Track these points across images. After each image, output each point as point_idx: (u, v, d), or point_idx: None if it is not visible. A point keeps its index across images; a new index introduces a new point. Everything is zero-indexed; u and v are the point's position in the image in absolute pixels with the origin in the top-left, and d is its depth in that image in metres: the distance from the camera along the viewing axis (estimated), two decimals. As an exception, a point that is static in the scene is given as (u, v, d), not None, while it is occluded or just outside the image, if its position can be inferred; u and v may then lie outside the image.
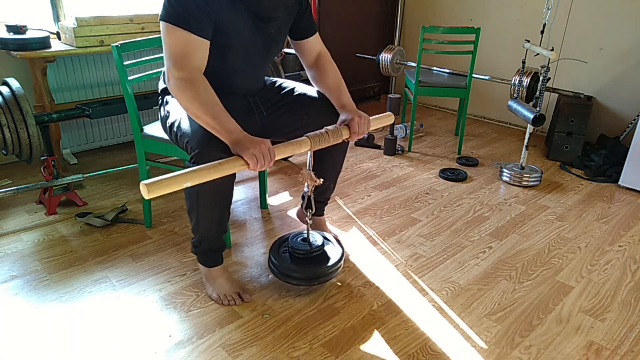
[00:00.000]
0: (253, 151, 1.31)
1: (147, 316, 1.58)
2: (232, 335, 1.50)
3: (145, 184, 1.16)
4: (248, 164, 1.32)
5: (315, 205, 1.90)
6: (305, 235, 1.70)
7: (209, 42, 1.42)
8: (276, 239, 1.77)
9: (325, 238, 1.76)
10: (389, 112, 1.73)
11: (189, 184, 1.24)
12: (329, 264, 1.64)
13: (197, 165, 1.37)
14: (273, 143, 1.41)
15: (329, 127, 1.53)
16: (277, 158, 1.38)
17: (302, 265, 1.64)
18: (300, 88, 1.74)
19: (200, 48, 1.40)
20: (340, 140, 1.56)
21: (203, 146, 1.39)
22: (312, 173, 1.57)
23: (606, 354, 1.46)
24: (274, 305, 1.63)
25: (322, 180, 1.58)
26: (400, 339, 1.50)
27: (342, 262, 1.70)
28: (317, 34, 1.70)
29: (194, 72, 1.39)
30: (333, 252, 1.70)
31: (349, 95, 1.65)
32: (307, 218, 1.68)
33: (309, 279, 1.64)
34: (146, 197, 1.17)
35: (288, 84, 1.77)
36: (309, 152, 1.53)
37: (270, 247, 1.72)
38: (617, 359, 1.44)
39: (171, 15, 1.36)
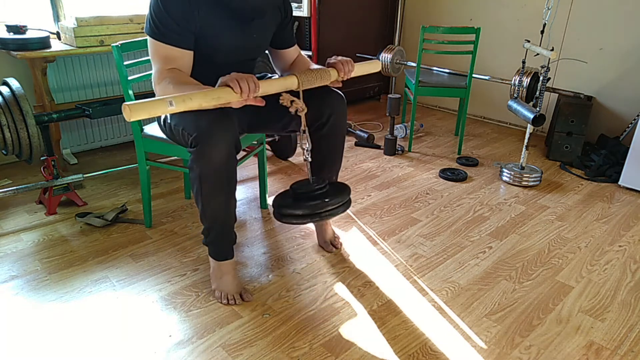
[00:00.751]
0: (234, 76, 1.32)
1: (147, 316, 1.58)
2: (232, 335, 1.50)
3: (128, 105, 1.14)
4: (234, 91, 1.31)
5: None
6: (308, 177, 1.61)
7: (192, 52, 1.51)
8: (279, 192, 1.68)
9: (328, 182, 1.64)
10: (375, 59, 1.72)
11: (173, 107, 1.21)
12: (333, 199, 1.54)
13: (197, 149, 1.41)
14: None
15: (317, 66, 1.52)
16: (262, 91, 1.38)
17: (306, 202, 1.53)
18: None
19: (182, 58, 1.50)
20: (330, 80, 1.55)
21: (202, 128, 1.41)
22: (300, 101, 1.48)
23: (606, 354, 1.46)
24: (274, 305, 1.63)
25: (305, 108, 1.50)
26: (400, 339, 1.50)
27: (349, 197, 1.59)
28: (297, 46, 1.79)
29: (172, 71, 1.46)
30: (337, 190, 1.60)
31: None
32: (305, 156, 1.58)
33: (312, 215, 1.52)
34: (128, 118, 1.16)
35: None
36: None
37: (274, 197, 1.63)
38: (617, 359, 1.44)
39: (153, 31, 1.46)
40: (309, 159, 1.60)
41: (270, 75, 1.85)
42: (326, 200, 1.52)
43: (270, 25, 1.66)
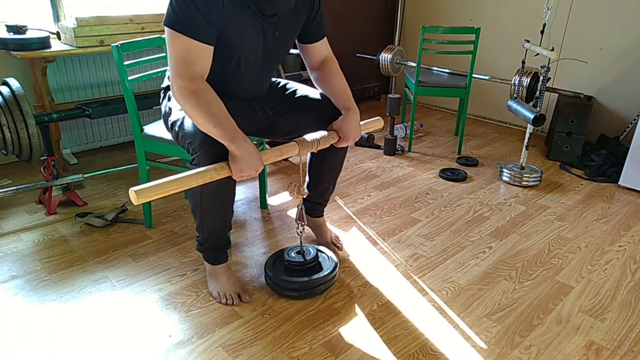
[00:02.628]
0: (242, 174, 1.37)
1: (147, 316, 1.58)
2: (232, 335, 1.50)
3: (134, 191, 1.20)
4: (232, 174, 1.39)
5: (314, 207, 1.90)
6: (299, 248, 1.72)
7: (212, 48, 1.41)
8: (272, 253, 1.79)
9: (318, 250, 1.78)
10: (378, 117, 1.77)
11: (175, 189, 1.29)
12: (322, 274, 1.66)
13: (198, 166, 1.38)
14: (271, 143, 1.42)
15: (319, 133, 1.56)
16: (265, 164, 1.43)
17: (296, 276, 1.66)
18: (302, 90, 1.72)
19: (203, 54, 1.39)
20: (329, 144, 1.59)
21: (205, 148, 1.39)
22: (300, 187, 1.61)
23: (606, 354, 1.46)
24: (274, 305, 1.63)
25: (307, 192, 1.62)
26: (400, 339, 1.50)
27: (336, 271, 1.72)
28: (325, 38, 1.68)
29: (197, 80, 1.38)
30: (326, 263, 1.73)
31: (352, 100, 1.66)
32: (298, 230, 1.68)
33: (302, 289, 1.65)
34: (135, 202, 1.23)
35: (291, 85, 1.76)
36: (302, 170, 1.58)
37: (266, 261, 1.74)
38: (617, 359, 1.44)
39: (174, 21, 1.35)
40: (303, 233, 1.69)
41: (279, 80, 1.82)
42: (314, 277, 1.65)
43: (294, 22, 1.56)
